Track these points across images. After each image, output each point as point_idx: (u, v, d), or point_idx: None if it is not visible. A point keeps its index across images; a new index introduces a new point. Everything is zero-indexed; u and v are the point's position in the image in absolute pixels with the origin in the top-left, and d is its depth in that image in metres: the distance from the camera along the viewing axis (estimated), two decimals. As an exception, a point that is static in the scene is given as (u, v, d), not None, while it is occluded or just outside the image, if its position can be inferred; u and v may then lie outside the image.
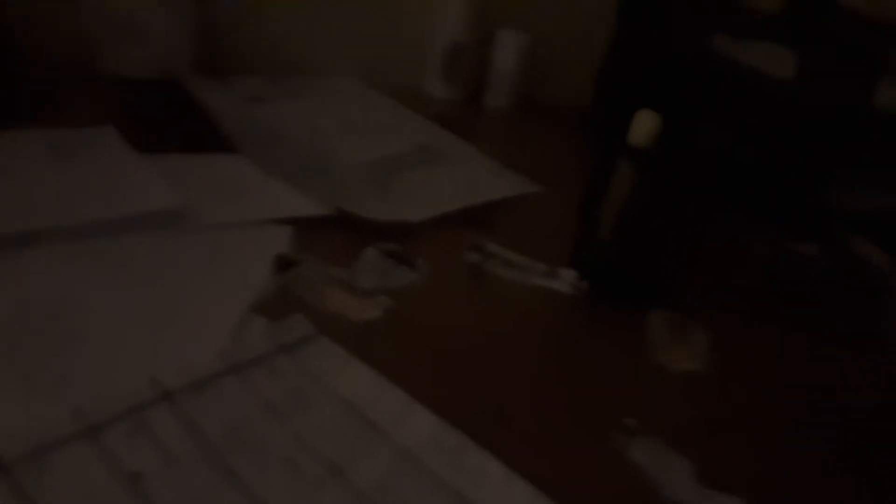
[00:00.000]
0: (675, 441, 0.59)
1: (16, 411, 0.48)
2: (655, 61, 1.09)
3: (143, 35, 1.04)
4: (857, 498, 0.60)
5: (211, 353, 0.56)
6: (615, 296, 0.78)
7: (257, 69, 1.16)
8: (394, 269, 0.75)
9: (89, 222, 0.69)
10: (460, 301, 0.75)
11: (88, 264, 0.65)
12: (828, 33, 1.00)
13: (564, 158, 0.97)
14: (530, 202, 0.98)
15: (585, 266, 0.79)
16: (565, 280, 0.80)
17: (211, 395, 0.52)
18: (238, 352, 0.57)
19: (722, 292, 0.87)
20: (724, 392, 0.69)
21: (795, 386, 0.73)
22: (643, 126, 0.71)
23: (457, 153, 1.03)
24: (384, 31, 1.25)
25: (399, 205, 0.86)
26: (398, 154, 0.96)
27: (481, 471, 0.51)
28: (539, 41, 1.28)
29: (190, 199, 0.76)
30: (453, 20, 1.24)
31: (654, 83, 0.98)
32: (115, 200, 0.73)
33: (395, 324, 0.68)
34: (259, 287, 0.66)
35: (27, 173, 0.76)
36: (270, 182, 0.83)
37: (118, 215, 0.71)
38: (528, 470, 0.52)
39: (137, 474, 0.46)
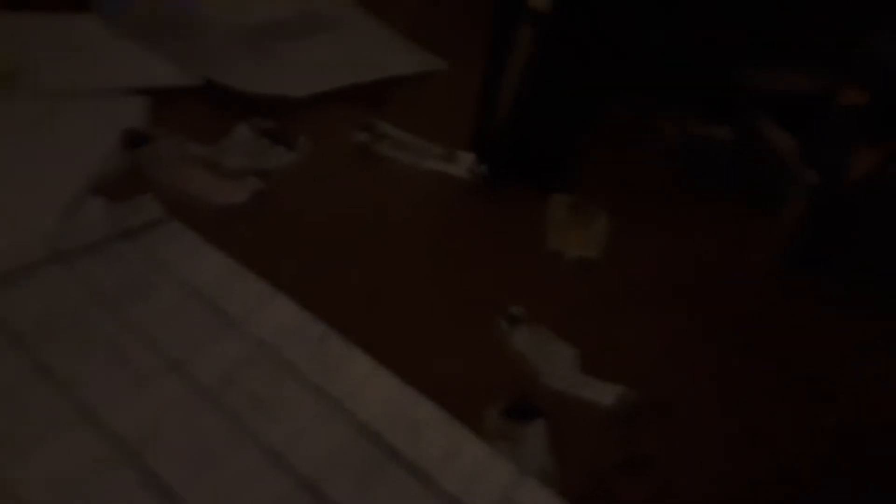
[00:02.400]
0: (561, 329, 0.57)
1: None
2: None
3: None
4: (747, 378, 0.59)
5: (32, 238, 0.48)
6: (514, 177, 0.73)
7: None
8: (268, 148, 0.67)
9: None
10: (344, 185, 0.69)
11: None
12: None
13: (476, 34, 0.89)
14: (432, 80, 0.90)
15: (485, 146, 0.73)
16: (462, 164, 0.74)
17: (25, 286, 0.45)
18: (67, 236, 0.49)
19: (628, 174, 0.83)
20: (618, 277, 0.66)
21: (691, 270, 0.71)
22: (545, -14, 0.63)
23: (351, 23, 0.93)
24: None
25: (279, 77, 0.76)
26: (282, 19, 0.85)
27: (344, 363, 0.47)
28: None
29: (25, 60, 0.65)
30: None
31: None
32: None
33: (266, 208, 0.61)
34: (102, 164, 0.58)
35: None
36: (126, 45, 0.72)
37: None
38: (399, 361, 0.48)
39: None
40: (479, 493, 0.40)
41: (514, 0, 0.66)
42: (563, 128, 0.70)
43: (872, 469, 0.54)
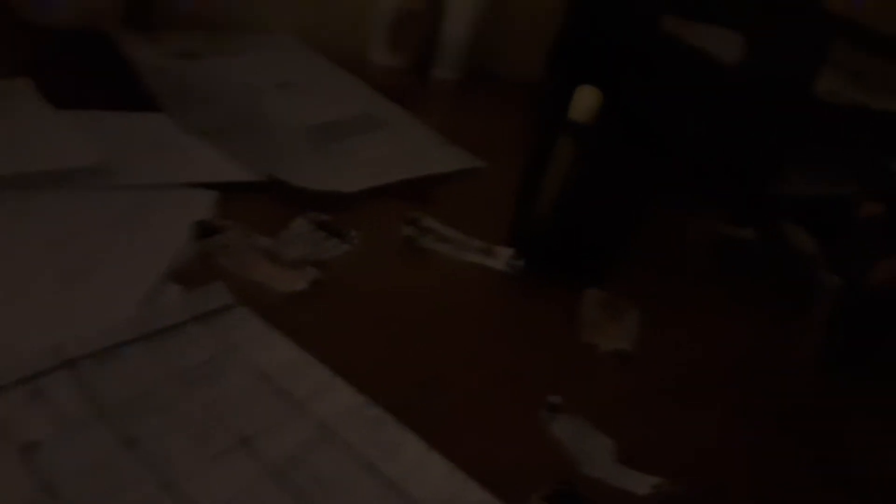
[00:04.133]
0: (598, 419, 0.59)
1: None
2: (605, 39, 1.08)
3: (70, -17, 0.98)
4: (784, 474, 0.61)
5: (119, 320, 0.53)
6: (551, 273, 0.77)
7: (191, 24, 1.10)
8: (324, 240, 0.73)
9: (-3, 177, 0.64)
10: (392, 275, 0.73)
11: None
12: (775, 19, 1.00)
13: (511, 134, 0.96)
14: (472, 177, 0.96)
15: (522, 242, 0.78)
16: (501, 258, 0.79)
17: (115, 364, 0.49)
18: (149, 320, 0.54)
19: (659, 272, 0.87)
20: (651, 372, 0.69)
21: (722, 365, 0.74)
22: (583, 101, 0.69)
23: (398, 123, 1.01)
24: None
25: (334, 174, 0.83)
26: (336, 120, 0.93)
27: (398, 445, 0.50)
28: (492, 11, 1.25)
29: (108, 157, 0.72)
30: (402, -15, 1.20)
31: (602, 60, 0.96)
32: (27, 155, 0.69)
33: (323, 296, 0.65)
34: (176, 253, 0.63)
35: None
36: (196, 143, 0.79)
37: (29, 171, 0.66)
38: (447, 445, 0.51)
39: (32, 443, 0.43)
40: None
41: (554, 111, 0.72)
42: (602, 228, 0.75)
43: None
